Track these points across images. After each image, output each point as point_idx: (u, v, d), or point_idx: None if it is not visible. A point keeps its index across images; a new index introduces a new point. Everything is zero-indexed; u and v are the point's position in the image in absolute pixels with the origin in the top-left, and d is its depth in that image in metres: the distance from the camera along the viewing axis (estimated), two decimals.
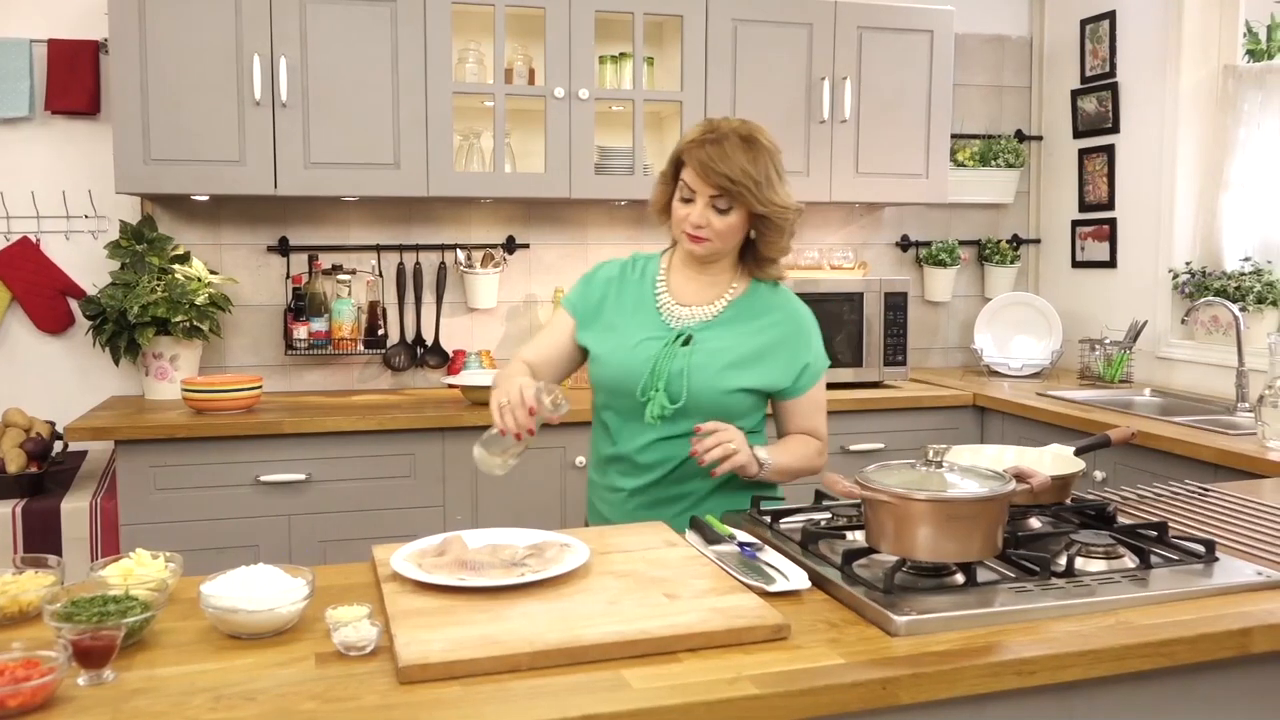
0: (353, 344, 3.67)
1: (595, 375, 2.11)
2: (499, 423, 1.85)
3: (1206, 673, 1.44)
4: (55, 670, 1.18)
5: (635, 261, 2.18)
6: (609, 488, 2.15)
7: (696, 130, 2.02)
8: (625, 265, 2.18)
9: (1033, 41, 4.47)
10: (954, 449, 1.89)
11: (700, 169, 1.96)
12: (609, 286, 2.14)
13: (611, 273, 2.16)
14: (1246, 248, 3.69)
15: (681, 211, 2.01)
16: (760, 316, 2.10)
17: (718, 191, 1.96)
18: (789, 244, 2.11)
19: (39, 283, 3.51)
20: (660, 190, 2.10)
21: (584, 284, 2.17)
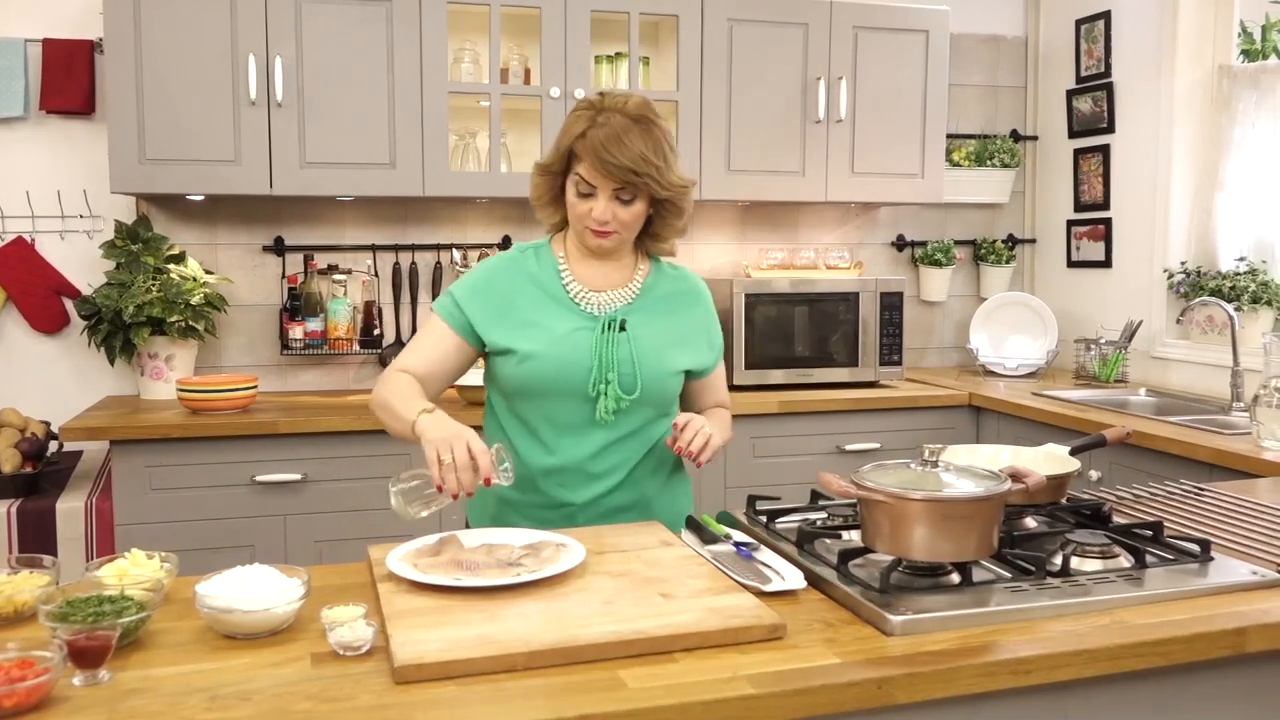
0: (348, 344, 3.66)
1: (523, 376, 1.91)
2: (437, 478, 1.67)
3: (1202, 672, 1.44)
4: (50, 670, 1.18)
5: (524, 253, 2.01)
6: (546, 505, 1.96)
7: (582, 117, 1.87)
8: (515, 259, 2.00)
9: (1028, 41, 4.47)
10: (949, 449, 1.89)
11: (600, 165, 1.83)
12: (509, 281, 1.97)
13: (504, 268, 1.99)
14: (1241, 247, 3.70)
15: (582, 207, 1.89)
16: (675, 296, 2.06)
17: (621, 185, 1.86)
18: (687, 223, 2.04)
19: (34, 283, 3.51)
20: (545, 183, 1.96)
21: (474, 284, 1.97)
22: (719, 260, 4.14)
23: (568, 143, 1.88)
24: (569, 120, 1.91)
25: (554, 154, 1.92)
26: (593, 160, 1.84)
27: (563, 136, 1.90)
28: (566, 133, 1.89)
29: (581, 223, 1.91)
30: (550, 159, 1.93)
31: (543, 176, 1.96)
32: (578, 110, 1.91)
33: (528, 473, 1.95)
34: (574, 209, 1.91)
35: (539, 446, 1.95)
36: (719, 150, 3.70)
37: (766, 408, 3.50)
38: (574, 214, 1.92)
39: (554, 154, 1.92)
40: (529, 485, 1.96)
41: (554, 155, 1.92)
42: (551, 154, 1.93)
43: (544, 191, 1.98)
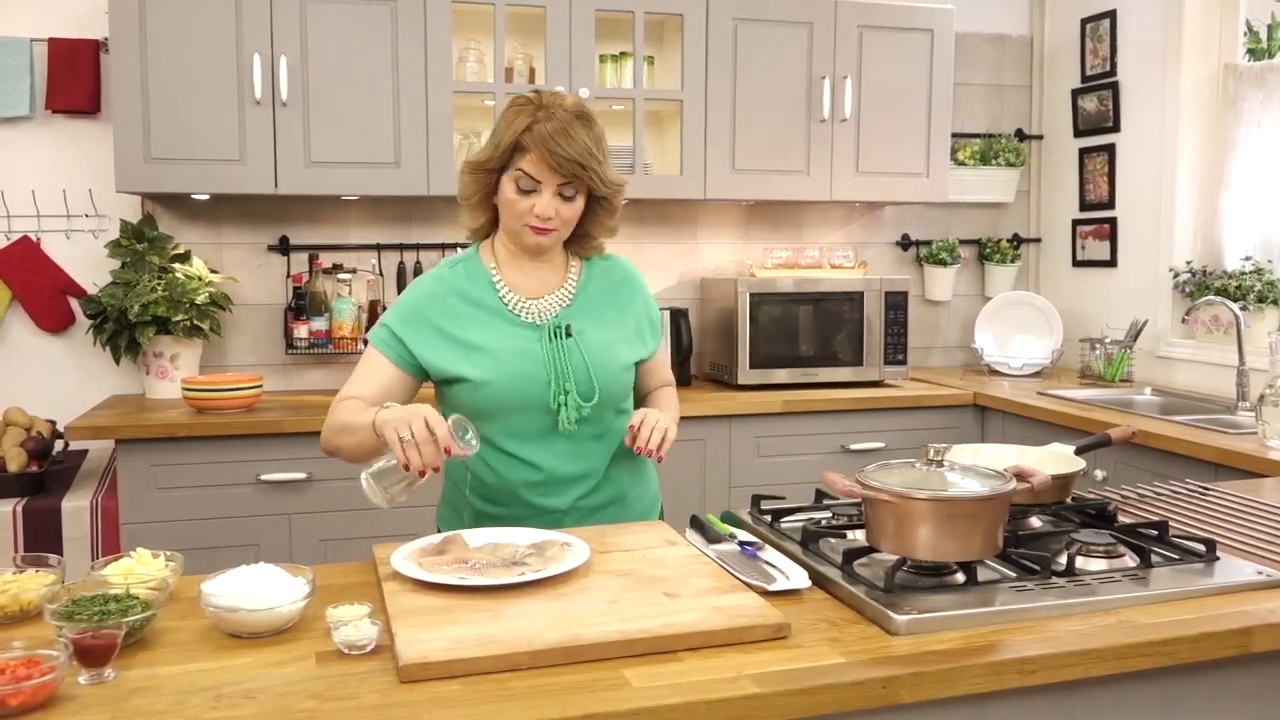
0: (353, 343, 3.66)
1: (481, 401, 1.87)
2: (401, 458, 1.64)
3: (1207, 672, 1.44)
4: (56, 669, 1.18)
5: (453, 268, 1.98)
6: (532, 514, 1.93)
7: (523, 112, 1.84)
8: (443, 277, 1.96)
9: (1033, 40, 4.47)
10: (954, 448, 1.89)
11: (550, 157, 1.80)
12: (442, 303, 1.92)
13: (435, 289, 1.94)
14: (1247, 247, 3.69)
15: (524, 204, 1.85)
16: (611, 289, 2.02)
17: (567, 179, 1.83)
18: (617, 223, 2.01)
19: (39, 282, 3.51)
20: (477, 181, 1.91)
21: (408, 311, 1.92)
22: (723, 259, 4.14)
23: (511, 137, 1.83)
24: (507, 115, 1.86)
25: (492, 149, 1.86)
26: (541, 153, 1.81)
27: (504, 131, 1.85)
28: (509, 127, 1.84)
29: (521, 220, 1.87)
30: (487, 155, 1.87)
31: (475, 174, 1.90)
32: (515, 106, 1.87)
33: (507, 486, 1.93)
34: (513, 206, 1.87)
35: (512, 461, 1.92)
36: (724, 149, 3.70)
37: (771, 407, 3.50)
38: (512, 212, 1.87)
39: (492, 149, 1.86)
40: (512, 498, 1.94)
41: (492, 151, 1.86)
42: (488, 150, 1.87)
43: (474, 190, 1.92)
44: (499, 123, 1.88)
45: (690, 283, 4.10)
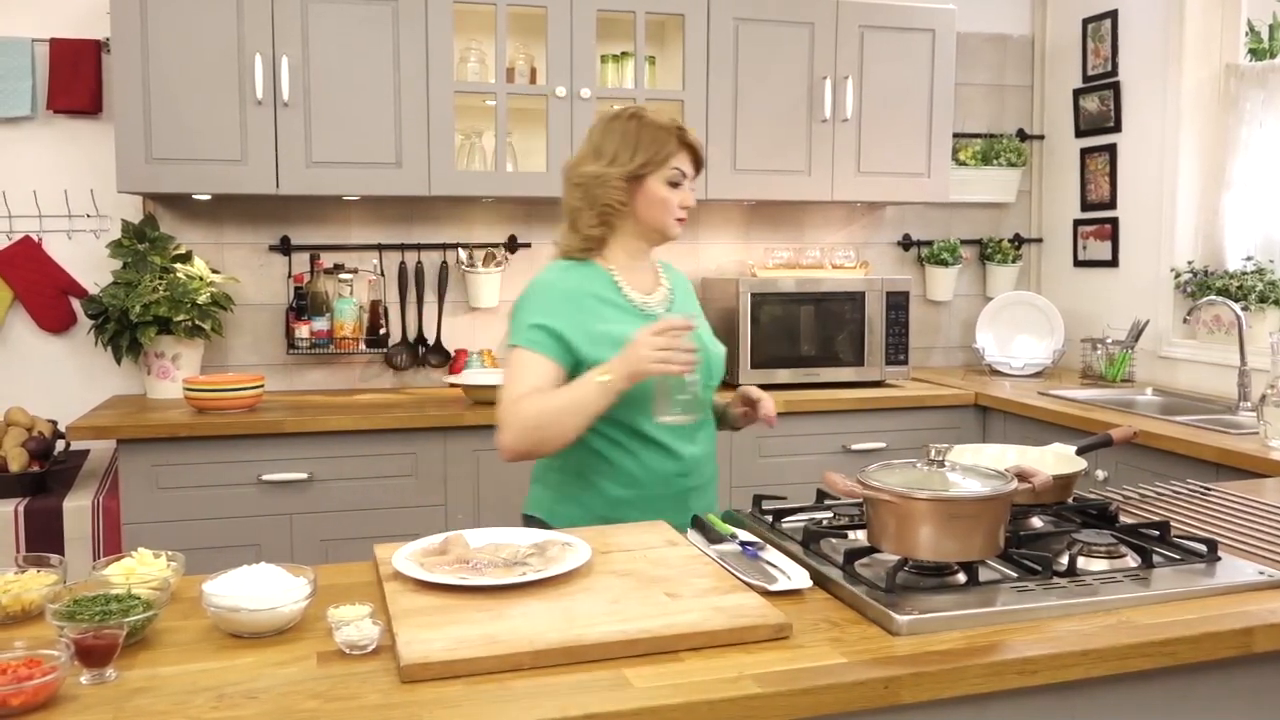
0: (354, 343, 3.66)
1: (630, 390, 1.92)
2: (676, 369, 1.84)
3: (1208, 672, 1.44)
4: (57, 669, 1.19)
5: (570, 271, 2.06)
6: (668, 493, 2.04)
7: (661, 117, 2.07)
8: (567, 278, 2.05)
9: (1034, 40, 4.46)
10: (955, 448, 1.89)
11: (698, 153, 2.09)
12: (578, 302, 2.01)
13: (566, 288, 2.03)
14: (1249, 247, 3.69)
15: (675, 197, 2.06)
16: (684, 287, 2.28)
17: (698, 172, 2.11)
18: None
19: (41, 282, 3.51)
20: (624, 190, 2.04)
21: (550, 305, 2.00)
22: (724, 259, 4.14)
23: (674, 141, 2.04)
24: (648, 128, 2.04)
25: (649, 155, 2.03)
26: (693, 152, 2.08)
27: (663, 135, 2.04)
28: (666, 129, 2.04)
29: (672, 213, 2.07)
30: (644, 160, 2.03)
31: (625, 183, 2.04)
32: (638, 117, 2.06)
33: (649, 470, 2.04)
34: (664, 201, 2.05)
35: (655, 446, 2.03)
36: (725, 149, 3.70)
37: None
38: (666, 207, 2.06)
39: (649, 155, 2.03)
40: (654, 482, 2.04)
41: (650, 156, 2.03)
42: (639, 158, 2.03)
43: (623, 198, 2.05)
44: (640, 136, 2.04)
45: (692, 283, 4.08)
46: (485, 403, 3.35)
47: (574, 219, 2.08)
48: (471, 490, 3.29)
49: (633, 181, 2.04)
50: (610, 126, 2.07)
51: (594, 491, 2.05)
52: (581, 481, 2.07)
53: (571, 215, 2.09)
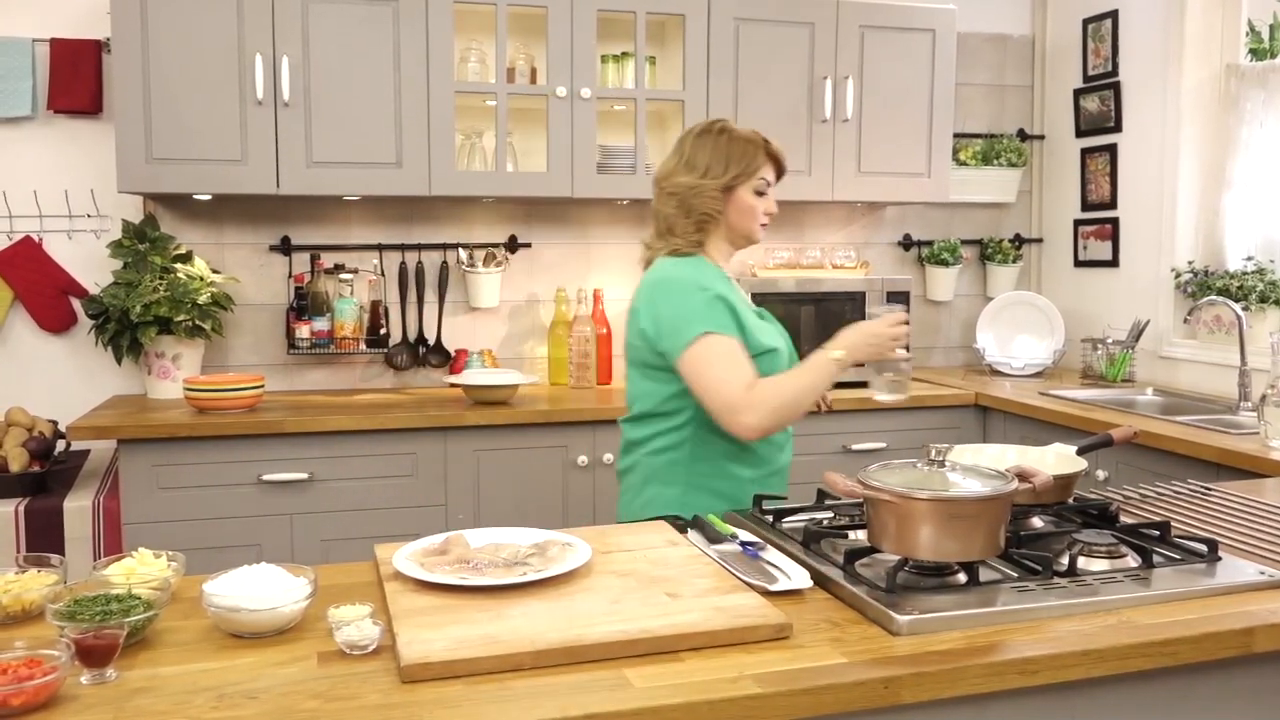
0: (355, 343, 3.66)
1: (774, 370, 2.14)
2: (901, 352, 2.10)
3: (1209, 672, 1.44)
4: (58, 669, 1.19)
5: (700, 266, 2.18)
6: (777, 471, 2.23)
7: (746, 131, 2.21)
8: (703, 270, 2.17)
9: (1035, 40, 4.46)
10: (956, 448, 1.89)
11: (781, 163, 2.24)
12: (727, 288, 2.17)
13: (713, 280, 2.15)
14: (1249, 247, 3.69)
15: (761, 205, 2.22)
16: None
17: (778, 179, 2.26)
18: None
19: (41, 282, 3.51)
20: (720, 197, 2.18)
21: (719, 300, 2.11)
22: None
23: (761, 153, 2.20)
24: (736, 142, 2.19)
25: (741, 167, 2.17)
26: (777, 161, 2.24)
27: (751, 149, 2.19)
28: (753, 143, 2.19)
29: (758, 220, 2.23)
30: (737, 171, 2.17)
31: (717, 192, 2.18)
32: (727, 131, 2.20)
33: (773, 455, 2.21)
34: (753, 209, 2.21)
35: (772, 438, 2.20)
36: None
37: None
38: (754, 213, 2.21)
39: (741, 167, 2.17)
40: (773, 459, 2.22)
41: (742, 168, 2.17)
42: (732, 170, 2.17)
43: (717, 207, 2.19)
44: (730, 149, 2.18)
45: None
46: (485, 403, 3.36)
47: (670, 226, 2.22)
48: (472, 490, 3.29)
49: (725, 192, 2.18)
50: (700, 140, 2.21)
51: (728, 478, 2.16)
52: (715, 469, 2.16)
53: (667, 222, 2.22)
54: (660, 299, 2.12)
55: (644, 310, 2.14)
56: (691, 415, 2.13)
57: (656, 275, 2.17)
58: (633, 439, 2.23)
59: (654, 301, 2.13)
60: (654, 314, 2.11)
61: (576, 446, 3.35)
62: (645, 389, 2.18)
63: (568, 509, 3.36)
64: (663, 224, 2.23)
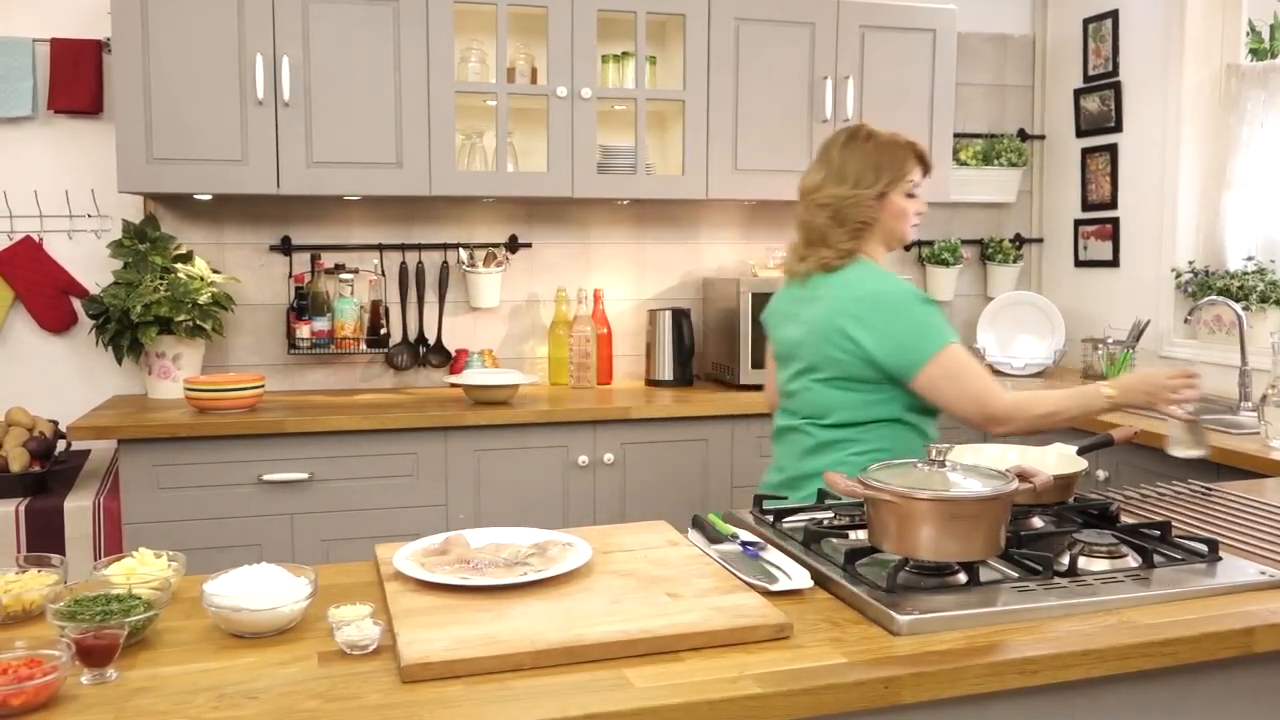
0: (355, 343, 3.66)
1: None
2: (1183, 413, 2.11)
3: (1209, 672, 1.44)
4: (58, 669, 1.19)
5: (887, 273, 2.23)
6: None
7: (889, 134, 2.25)
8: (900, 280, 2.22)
9: (1035, 40, 4.46)
10: (956, 448, 1.89)
11: (927, 162, 2.28)
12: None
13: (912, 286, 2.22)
14: (1250, 247, 3.68)
15: (911, 207, 2.25)
16: None
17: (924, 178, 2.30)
18: None
19: (42, 282, 3.52)
20: (874, 205, 2.21)
21: (934, 303, 2.18)
22: (725, 259, 4.14)
23: (910, 157, 2.24)
24: (885, 148, 2.22)
25: (894, 173, 2.21)
26: (926, 165, 2.28)
27: (900, 153, 2.22)
28: (901, 147, 2.23)
29: (909, 222, 2.26)
30: (890, 178, 2.20)
31: (874, 199, 2.20)
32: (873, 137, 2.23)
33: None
34: (905, 211, 2.24)
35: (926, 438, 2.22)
36: (725, 149, 3.69)
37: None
38: (905, 216, 2.25)
39: (894, 173, 2.21)
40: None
41: (895, 174, 2.21)
42: (885, 177, 2.20)
43: (876, 214, 2.21)
44: (880, 156, 2.22)
45: (692, 283, 4.10)
46: (486, 403, 3.35)
47: (823, 236, 2.23)
48: (472, 490, 3.29)
49: (878, 198, 2.21)
50: (848, 149, 2.23)
51: None
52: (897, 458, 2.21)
53: (820, 233, 2.23)
54: (886, 317, 2.11)
55: (862, 326, 2.10)
56: (893, 420, 2.17)
57: (863, 290, 2.15)
58: (825, 441, 2.20)
59: (877, 319, 2.11)
60: (883, 332, 2.09)
61: (577, 446, 3.35)
62: (844, 399, 2.16)
63: (568, 509, 3.36)
64: (814, 234, 2.24)
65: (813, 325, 2.19)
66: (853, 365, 2.13)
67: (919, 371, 2.08)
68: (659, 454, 3.42)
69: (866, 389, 2.14)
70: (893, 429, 2.17)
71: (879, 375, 2.12)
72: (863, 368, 2.12)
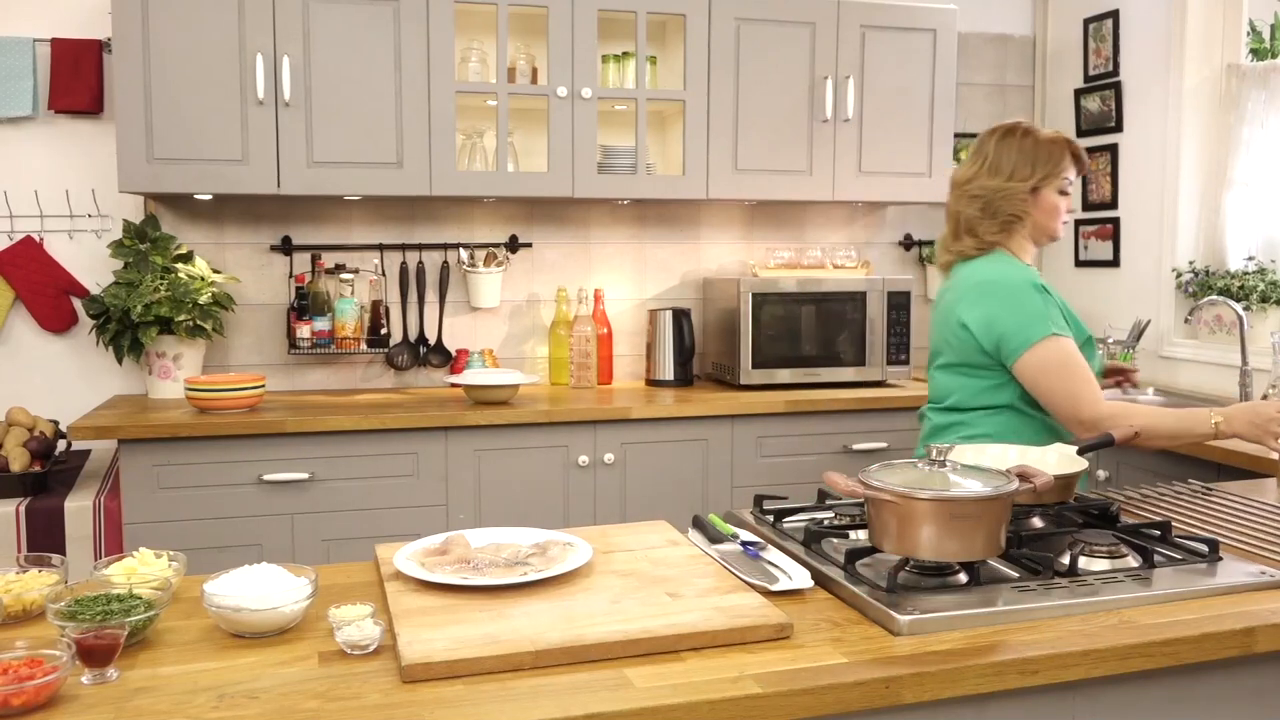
0: (356, 343, 3.67)
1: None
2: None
3: (1209, 672, 1.44)
4: (59, 669, 1.19)
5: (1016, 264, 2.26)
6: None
7: (1047, 132, 2.28)
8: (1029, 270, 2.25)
9: (1036, 40, 4.46)
10: (957, 448, 1.89)
11: (1083, 161, 2.31)
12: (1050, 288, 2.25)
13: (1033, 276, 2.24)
14: (1250, 247, 3.68)
15: (1063, 204, 2.29)
16: None
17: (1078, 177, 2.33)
18: None
19: (43, 282, 3.52)
20: (1027, 199, 2.25)
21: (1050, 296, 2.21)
22: (726, 259, 4.14)
23: (1066, 154, 2.27)
24: (1041, 144, 2.26)
25: (1048, 168, 2.25)
26: (1079, 161, 2.30)
27: (1055, 150, 2.26)
28: (1057, 144, 2.27)
29: (1059, 219, 2.30)
30: (1044, 173, 2.25)
31: (1025, 194, 2.25)
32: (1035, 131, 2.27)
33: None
34: (1057, 208, 2.28)
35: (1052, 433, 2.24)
36: (726, 149, 3.70)
37: (773, 407, 3.50)
38: (1056, 213, 2.28)
39: (1048, 168, 2.25)
40: None
41: (1049, 170, 2.25)
42: (1039, 172, 2.25)
43: (1025, 208, 2.26)
44: (1036, 151, 2.26)
45: (693, 283, 4.10)
46: (486, 402, 3.36)
47: (971, 227, 2.29)
48: (473, 490, 3.29)
49: (1031, 193, 2.26)
50: (1004, 143, 2.28)
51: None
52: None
53: (969, 224, 2.29)
54: (993, 301, 2.18)
55: (972, 310, 2.19)
56: (1004, 407, 2.22)
57: (981, 276, 2.23)
58: (940, 425, 2.31)
59: (985, 303, 2.18)
60: (987, 315, 2.17)
61: (577, 446, 3.35)
62: (960, 384, 2.26)
63: (568, 509, 3.36)
64: (963, 225, 2.30)
65: (941, 313, 2.30)
66: (965, 350, 2.21)
67: (1018, 358, 2.14)
68: (659, 454, 3.42)
69: (980, 375, 2.21)
70: (1005, 416, 2.21)
71: (988, 360, 2.18)
72: (973, 352, 2.20)
